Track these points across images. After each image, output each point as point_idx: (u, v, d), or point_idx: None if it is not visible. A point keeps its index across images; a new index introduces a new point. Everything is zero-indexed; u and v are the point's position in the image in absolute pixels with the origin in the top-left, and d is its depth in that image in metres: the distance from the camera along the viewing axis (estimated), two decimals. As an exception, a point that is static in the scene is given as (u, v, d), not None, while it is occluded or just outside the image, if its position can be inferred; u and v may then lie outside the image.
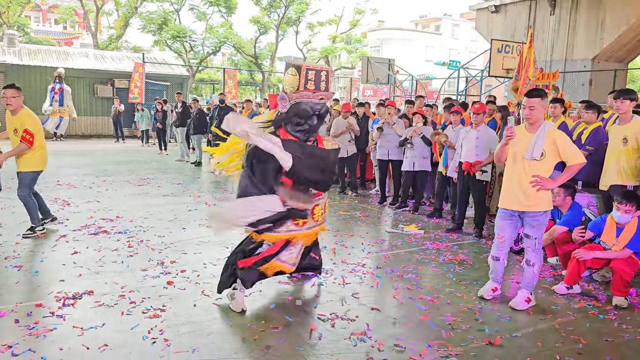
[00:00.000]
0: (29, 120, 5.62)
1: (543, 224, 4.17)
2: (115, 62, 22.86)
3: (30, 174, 5.77)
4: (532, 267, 4.20)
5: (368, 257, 5.50)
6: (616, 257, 4.44)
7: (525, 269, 4.26)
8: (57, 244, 5.52)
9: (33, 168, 5.76)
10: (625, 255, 4.44)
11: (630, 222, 4.45)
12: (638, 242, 4.43)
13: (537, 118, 4.07)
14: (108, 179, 10.07)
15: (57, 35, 40.38)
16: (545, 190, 4.07)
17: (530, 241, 4.18)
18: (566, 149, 4.00)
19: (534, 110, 4.05)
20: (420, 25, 50.78)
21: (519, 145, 4.13)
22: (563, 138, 4.04)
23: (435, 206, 7.74)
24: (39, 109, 19.60)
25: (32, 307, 3.82)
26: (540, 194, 4.06)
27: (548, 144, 4.00)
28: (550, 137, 4.00)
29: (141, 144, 18.55)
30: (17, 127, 5.60)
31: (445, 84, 22.83)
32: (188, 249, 5.49)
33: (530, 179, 4.04)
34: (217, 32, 29.84)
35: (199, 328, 3.59)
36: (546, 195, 4.10)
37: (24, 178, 5.75)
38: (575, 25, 13.60)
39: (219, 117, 11.55)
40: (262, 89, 32.12)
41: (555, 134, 4.04)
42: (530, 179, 4.05)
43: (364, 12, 31.95)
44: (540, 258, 4.24)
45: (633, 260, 4.44)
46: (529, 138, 4.07)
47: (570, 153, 4.00)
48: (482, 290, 4.45)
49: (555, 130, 4.07)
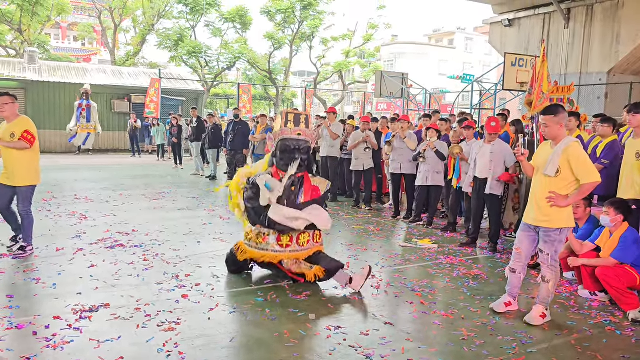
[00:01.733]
0: (29, 125, 5.54)
1: (557, 240, 4.08)
2: (132, 78, 23.25)
3: (31, 188, 5.64)
4: (547, 283, 4.15)
5: (382, 271, 5.49)
6: (602, 264, 4.52)
7: (541, 284, 4.22)
8: (74, 257, 5.60)
9: (33, 182, 5.63)
10: (609, 263, 4.49)
11: (617, 230, 4.52)
12: (624, 252, 4.46)
13: (554, 135, 4.04)
14: (124, 193, 10.20)
15: (76, 52, 41.28)
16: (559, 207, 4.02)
17: (544, 256, 4.14)
18: (579, 167, 3.93)
19: (548, 128, 4.03)
20: (433, 39, 50.88)
21: (540, 160, 4.12)
22: (577, 156, 3.94)
23: (449, 220, 7.71)
24: (58, 123, 20.15)
25: (50, 319, 3.87)
26: (555, 211, 4.01)
27: (563, 160, 3.96)
28: (565, 154, 3.95)
29: (157, 159, 18.77)
30: (15, 131, 5.42)
31: (459, 98, 22.79)
32: (203, 263, 5.53)
33: (546, 195, 4.02)
34: (232, 47, 30.19)
35: (213, 341, 3.62)
36: (562, 212, 4.02)
37: (25, 192, 5.60)
38: (590, 39, 13.53)
39: (234, 132, 11.67)
40: (276, 104, 32.36)
41: (570, 150, 3.95)
42: (546, 194, 4.03)
43: (377, 27, 32.06)
44: (556, 274, 4.19)
45: (624, 271, 4.43)
46: (549, 153, 4.05)
47: (583, 171, 3.93)
48: (495, 303, 4.42)
49: (571, 147, 3.97)
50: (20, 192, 5.58)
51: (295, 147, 4.89)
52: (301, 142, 4.92)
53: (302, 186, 4.93)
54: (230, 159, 11.85)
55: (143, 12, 30.83)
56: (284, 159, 4.89)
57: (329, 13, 31.09)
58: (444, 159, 7.61)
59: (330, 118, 9.94)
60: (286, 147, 4.90)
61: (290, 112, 5.08)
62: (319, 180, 5.10)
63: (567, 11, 13.80)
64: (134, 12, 31.30)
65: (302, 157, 4.92)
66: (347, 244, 6.62)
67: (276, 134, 5.02)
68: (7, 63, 21.76)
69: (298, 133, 4.95)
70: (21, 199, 5.59)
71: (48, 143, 20.32)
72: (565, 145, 3.99)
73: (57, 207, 8.39)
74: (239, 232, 7.03)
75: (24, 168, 5.52)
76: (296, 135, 4.94)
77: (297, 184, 4.90)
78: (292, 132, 4.95)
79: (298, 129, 4.97)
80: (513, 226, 7.80)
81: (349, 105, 44.23)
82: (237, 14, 29.44)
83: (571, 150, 3.97)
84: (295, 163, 4.84)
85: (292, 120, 5.00)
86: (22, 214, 5.63)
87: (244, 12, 29.58)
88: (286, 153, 4.90)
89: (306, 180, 4.97)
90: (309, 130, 5.05)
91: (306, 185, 4.94)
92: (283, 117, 5.04)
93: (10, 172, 5.51)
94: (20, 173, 5.50)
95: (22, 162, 5.49)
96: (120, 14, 30.75)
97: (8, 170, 5.52)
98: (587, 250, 4.85)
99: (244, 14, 29.62)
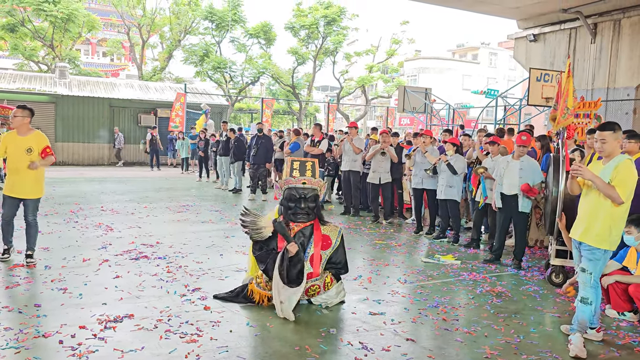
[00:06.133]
0: (47, 139, 5.81)
1: (600, 260, 3.93)
2: (159, 92, 23.71)
3: (38, 200, 5.87)
4: (590, 305, 3.92)
5: (404, 287, 5.45)
6: (636, 282, 4.44)
7: (580, 307, 3.98)
8: (100, 268, 5.71)
9: (41, 194, 5.87)
10: None
11: None
12: None
13: (610, 151, 3.94)
14: (149, 206, 10.36)
15: (104, 67, 42.32)
16: (608, 229, 3.89)
17: (586, 276, 3.94)
18: (621, 177, 3.80)
19: (605, 144, 3.93)
20: (457, 54, 50.74)
21: None
22: (625, 171, 3.83)
23: (473, 236, 7.63)
24: (86, 136, 20.64)
25: (75, 328, 3.95)
26: (604, 231, 3.88)
27: (613, 176, 3.85)
28: (615, 170, 3.85)
29: (181, 172, 19.02)
30: (32, 146, 5.61)
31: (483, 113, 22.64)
32: (225, 275, 5.57)
33: (596, 213, 3.90)
34: (256, 63, 30.61)
35: (234, 354, 3.63)
36: (609, 234, 3.90)
37: (36, 203, 5.83)
38: (617, 53, 13.34)
39: (257, 146, 11.78)
40: (299, 118, 32.59)
41: (622, 165, 3.84)
42: (596, 212, 3.91)
43: (400, 42, 32.19)
44: (599, 296, 4.01)
45: None
46: (600, 170, 3.96)
47: (621, 182, 3.79)
48: None
49: (623, 162, 3.86)
50: (31, 203, 5.80)
51: (301, 196, 4.82)
52: (307, 191, 4.85)
53: (312, 235, 4.83)
54: (253, 172, 11.95)
55: (170, 28, 31.50)
56: (291, 208, 4.82)
57: (352, 28, 31.39)
58: (455, 173, 7.56)
59: (352, 132, 9.98)
60: (291, 196, 4.84)
61: (296, 160, 5.04)
62: (330, 228, 4.96)
63: (594, 26, 13.65)
64: (161, 28, 32.01)
65: (309, 206, 4.83)
66: (369, 259, 6.59)
67: (282, 182, 4.97)
68: (39, 78, 22.42)
69: (303, 182, 4.88)
70: (32, 209, 5.81)
71: (76, 155, 20.82)
72: (618, 161, 3.88)
73: (83, 219, 8.57)
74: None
75: (38, 181, 5.77)
76: (301, 185, 4.87)
77: (306, 233, 4.81)
78: (297, 182, 4.88)
79: (303, 177, 4.90)
80: (538, 243, 7.68)
81: (372, 119, 44.24)
82: (262, 30, 29.92)
83: (622, 166, 3.85)
84: None
85: (297, 168, 4.95)
86: (32, 223, 5.84)
87: (269, 28, 30.05)
88: (291, 202, 4.83)
89: (316, 228, 4.87)
90: (315, 179, 4.95)
91: (316, 234, 4.83)
92: (288, 166, 4.99)
93: (22, 184, 5.68)
94: (34, 186, 5.74)
95: (37, 175, 5.73)
96: (147, 30, 31.50)
97: (19, 183, 5.67)
98: (613, 270, 4.74)
99: (269, 29, 30.08)
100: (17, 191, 5.70)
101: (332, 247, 4.84)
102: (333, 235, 4.88)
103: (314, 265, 4.74)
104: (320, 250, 4.80)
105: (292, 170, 4.94)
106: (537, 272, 6.25)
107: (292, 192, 4.85)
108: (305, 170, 4.96)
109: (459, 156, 7.73)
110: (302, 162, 5.02)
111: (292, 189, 4.87)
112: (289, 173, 4.94)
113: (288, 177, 4.93)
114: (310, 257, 4.75)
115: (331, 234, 4.89)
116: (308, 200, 4.84)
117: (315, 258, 4.77)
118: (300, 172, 4.94)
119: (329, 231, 4.91)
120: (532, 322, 4.51)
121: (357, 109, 42.40)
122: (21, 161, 5.59)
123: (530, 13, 14.86)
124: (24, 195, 5.73)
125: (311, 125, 20.28)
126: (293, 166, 4.97)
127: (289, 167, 4.98)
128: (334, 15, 29.00)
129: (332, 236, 4.88)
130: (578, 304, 4.00)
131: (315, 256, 4.77)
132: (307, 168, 4.98)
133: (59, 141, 20.34)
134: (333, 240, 4.86)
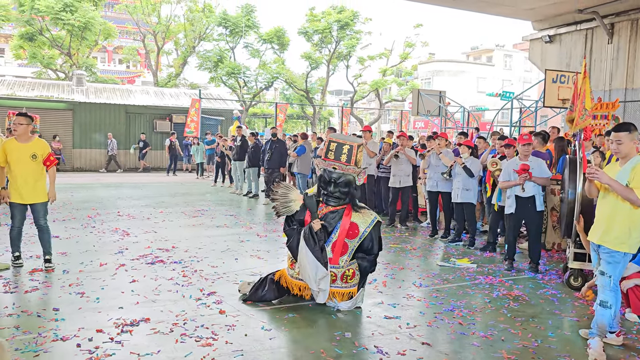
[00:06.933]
0: (48, 146, 5.93)
1: (620, 263, 3.87)
2: (174, 98, 23.94)
3: (47, 203, 5.93)
4: (609, 309, 3.87)
5: (419, 291, 5.42)
6: None
7: (599, 311, 3.92)
8: (117, 272, 5.76)
9: (46, 198, 5.92)
10: None
11: None
12: None
13: (627, 152, 3.88)
14: (165, 210, 10.44)
15: (120, 74, 42.90)
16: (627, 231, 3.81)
17: (605, 279, 3.88)
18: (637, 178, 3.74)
19: (621, 145, 3.87)
20: (471, 56, 50.44)
21: None
22: None
23: (489, 240, 7.56)
24: (103, 142, 20.85)
25: (93, 332, 3.99)
26: (623, 233, 3.82)
27: (630, 177, 3.79)
28: (633, 172, 3.78)
29: (196, 177, 19.16)
30: (36, 152, 5.69)
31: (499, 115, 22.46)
32: (240, 279, 5.59)
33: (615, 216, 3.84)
34: (270, 68, 30.75)
35: (250, 357, 3.64)
36: (629, 236, 3.83)
37: (45, 206, 5.89)
38: (635, 53, 13.16)
39: (271, 151, 11.82)
40: (312, 122, 32.64)
41: (639, 168, 3.76)
42: (614, 215, 3.85)
43: (414, 45, 32.08)
44: (619, 299, 3.95)
45: None
46: (617, 172, 3.90)
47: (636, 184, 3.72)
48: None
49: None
50: (41, 207, 5.87)
51: (331, 180, 4.67)
52: (339, 174, 4.66)
53: (340, 220, 4.68)
54: (268, 177, 11.99)
55: (185, 35, 31.82)
56: (323, 189, 4.72)
57: (365, 32, 31.43)
58: (472, 176, 7.51)
59: (366, 136, 9.97)
60: (323, 179, 4.73)
61: (334, 141, 4.76)
62: (362, 216, 4.71)
63: (611, 26, 13.49)
64: (176, 35, 32.34)
65: (340, 190, 4.66)
66: (384, 263, 6.57)
67: (318, 161, 4.83)
68: (56, 85, 22.78)
69: (334, 167, 4.70)
70: (42, 213, 5.89)
71: (93, 162, 21.08)
72: (635, 163, 3.82)
73: (100, 224, 8.66)
74: (275, 250, 7.10)
75: (44, 186, 5.88)
76: (331, 168, 4.71)
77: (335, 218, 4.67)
78: (327, 165, 4.72)
79: (335, 162, 4.70)
80: (556, 246, 7.58)
81: (386, 123, 44.13)
82: (275, 35, 30.05)
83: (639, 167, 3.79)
84: None
85: (333, 150, 4.73)
86: (45, 227, 5.92)
87: (282, 33, 30.18)
88: (324, 184, 4.72)
89: (346, 214, 4.67)
90: (347, 165, 4.69)
91: (344, 220, 4.66)
92: (325, 145, 4.78)
93: (30, 190, 5.73)
94: (43, 191, 5.85)
95: (43, 181, 5.86)
96: (163, 37, 31.83)
97: (27, 189, 5.72)
98: (633, 273, 4.66)
99: (282, 35, 30.21)
100: (26, 197, 5.76)
101: (358, 237, 4.66)
102: (364, 224, 4.68)
103: (335, 252, 4.63)
104: (345, 239, 4.64)
105: (327, 152, 4.73)
106: (555, 275, 6.17)
107: (324, 175, 4.71)
108: (340, 154, 4.71)
109: (474, 159, 7.68)
110: (339, 145, 4.73)
111: (325, 170, 4.72)
112: (324, 154, 4.76)
113: (324, 157, 4.76)
114: (332, 244, 4.64)
115: (362, 223, 4.68)
116: (339, 185, 4.65)
117: (337, 245, 4.63)
118: (335, 155, 4.72)
119: (361, 219, 4.70)
120: (550, 326, 4.45)
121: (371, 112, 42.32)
122: (27, 168, 5.68)
123: (545, 14, 14.74)
124: (33, 200, 5.79)
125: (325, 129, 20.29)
126: (330, 147, 4.74)
127: (326, 147, 4.78)
128: (347, 19, 29.04)
129: (362, 225, 4.67)
130: (597, 308, 3.94)
131: (337, 243, 4.63)
132: (342, 152, 4.71)
133: (76, 147, 20.63)
134: (361, 229, 4.66)
